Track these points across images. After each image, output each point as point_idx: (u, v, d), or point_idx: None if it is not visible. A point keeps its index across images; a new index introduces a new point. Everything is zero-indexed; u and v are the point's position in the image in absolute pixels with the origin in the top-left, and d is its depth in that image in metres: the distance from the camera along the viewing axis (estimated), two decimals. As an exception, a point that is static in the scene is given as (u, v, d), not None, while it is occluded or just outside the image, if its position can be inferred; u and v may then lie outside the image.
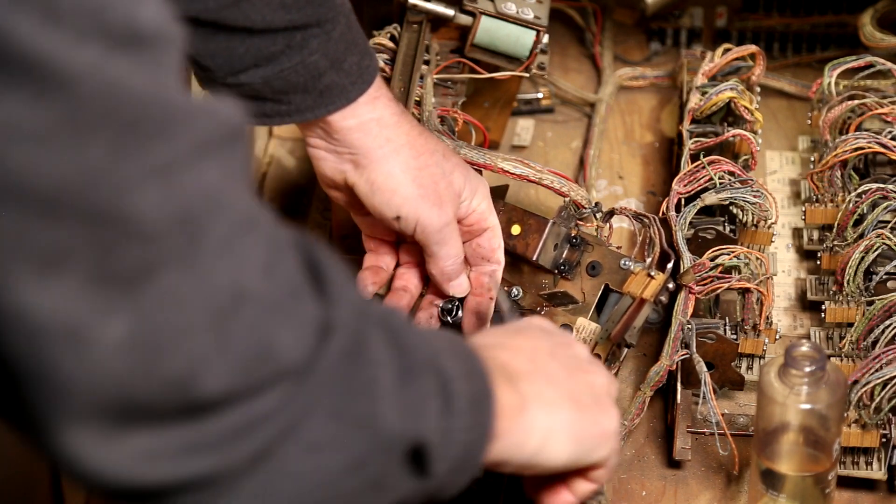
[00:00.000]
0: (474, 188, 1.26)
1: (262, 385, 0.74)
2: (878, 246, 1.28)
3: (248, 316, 0.73)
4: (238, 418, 0.74)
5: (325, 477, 0.80)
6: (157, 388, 0.71)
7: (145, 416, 0.71)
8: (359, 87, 1.21)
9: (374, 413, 0.80)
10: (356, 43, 1.22)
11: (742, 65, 1.48)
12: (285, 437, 0.76)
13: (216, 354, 0.72)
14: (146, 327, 0.70)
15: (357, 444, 0.80)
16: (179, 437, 0.72)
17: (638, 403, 1.26)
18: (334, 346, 0.78)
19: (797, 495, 1.14)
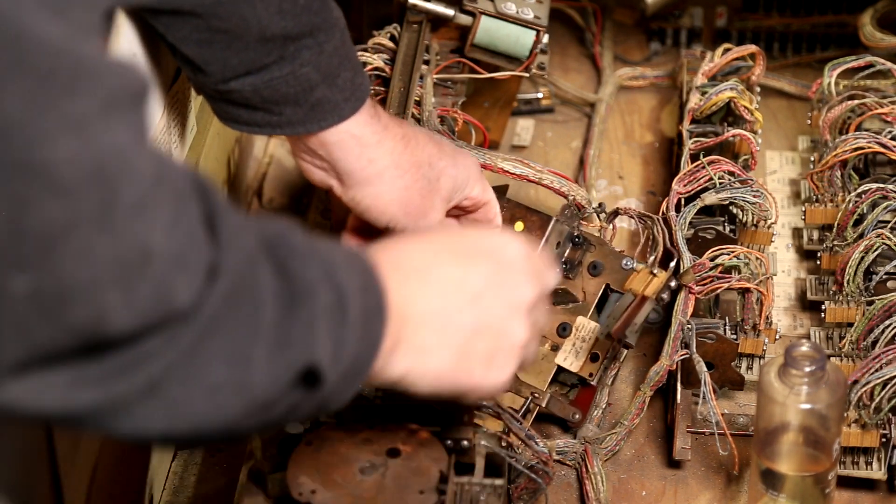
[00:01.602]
0: (464, 181, 1.25)
1: (153, 327, 0.77)
2: (878, 246, 1.28)
3: (152, 272, 0.76)
4: (126, 357, 0.77)
5: (224, 412, 0.83)
6: (57, 336, 0.74)
7: (45, 359, 0.75)
8: (351, 105, 1.21)
9: (271, 347, 0.83)
10: (350, 59, 1.21)
11: (742, 65, 1.48)
12: (177, 376, 0.79)
13: (120, 306, 0.75)
14: (55, 283, 0.72)
15: (255, 380, 0.83)
16: (70, 375, 0.76)
17: (638, 403, 1.26)
18: (220, 290, 0.80)
19: (797, 495, 1.14)
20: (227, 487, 1.26)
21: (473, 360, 0.98)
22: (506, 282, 1.00)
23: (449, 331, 0.97)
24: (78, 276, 0.73)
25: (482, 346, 0.98)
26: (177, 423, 0.82)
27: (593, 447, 1.25)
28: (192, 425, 0.83)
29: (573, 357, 1.26)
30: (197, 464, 1.28)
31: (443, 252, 1.00)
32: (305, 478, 1.06)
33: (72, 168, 0.71)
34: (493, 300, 0.99)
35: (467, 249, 1.01)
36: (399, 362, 0.94)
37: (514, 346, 1.00)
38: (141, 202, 0.74)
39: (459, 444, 1.09)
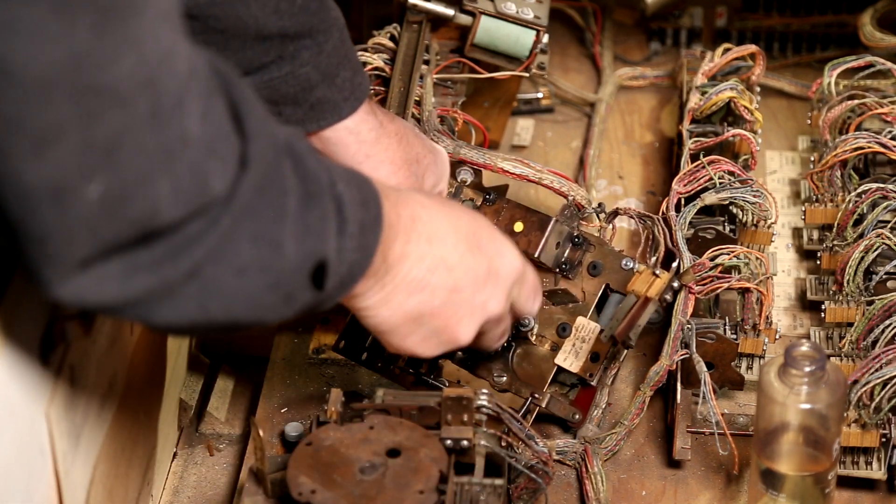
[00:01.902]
0: (440, 177, 1.29)
1: (195, 213, 0.86)
2: (878, 246, 1.28)
3: (190, 157, 0.84)
4: (172, 242, 0.86)
5: (249, 294, 0.91)
6: (119, 230, 0.83)
7: (105, 252, 0.83)
8: (351, 104, 1.22)
9: (285, 236, 0.92)
10: (349, 58, 1.22)
11: (742, 65, 1.48)
12: (212, 259, 0.88)
13: (169, 194, 0.83)
14: (118, 184, 0.81)
15: (276, 265, 0.92)
16: (126, 263, 0.85)
17: (638, 403, 1.26)
18: (251, 177, 0.88)
19: (797, 495, 1.14)
20: (227, 487, 1.26)
21: (414, 331, 1.09)
22: (484, 289, 1.10)
23: (415, 300, 1.07)
24: (135, 172, 0.81)
25: (428, 327, 1.09)
26: (210, 307, 0.90)
27: (593, 447, 1.25)
28: (223, 309, 0.91)
29: (573, 357, 1.26)
30: (197, 464, 1.28)
31: (456, 234, 1.08)
32: (305, 478, 1.06)
33: (130, 81, 0.79)
34: (463, 302, 1.09)
35: (475, 247, 1.09)
36: (370, 298, 1.05)
37: (452, 341, 1.11)
38: (179, 98, 0.82)
39: (459, 444, 1.09)
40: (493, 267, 1.10)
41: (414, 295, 1.07)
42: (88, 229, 0.81)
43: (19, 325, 0.93)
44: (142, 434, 1.19)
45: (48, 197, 0.79)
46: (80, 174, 0.79)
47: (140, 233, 0.84)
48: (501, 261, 1.11)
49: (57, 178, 0.79)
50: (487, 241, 1.11)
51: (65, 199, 0.79)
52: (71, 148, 0.78)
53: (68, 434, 1.02)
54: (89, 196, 0.80)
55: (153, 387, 1.21)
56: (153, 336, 1.20)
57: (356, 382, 1.32)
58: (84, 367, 1.04)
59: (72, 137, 0.78)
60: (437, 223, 1.08)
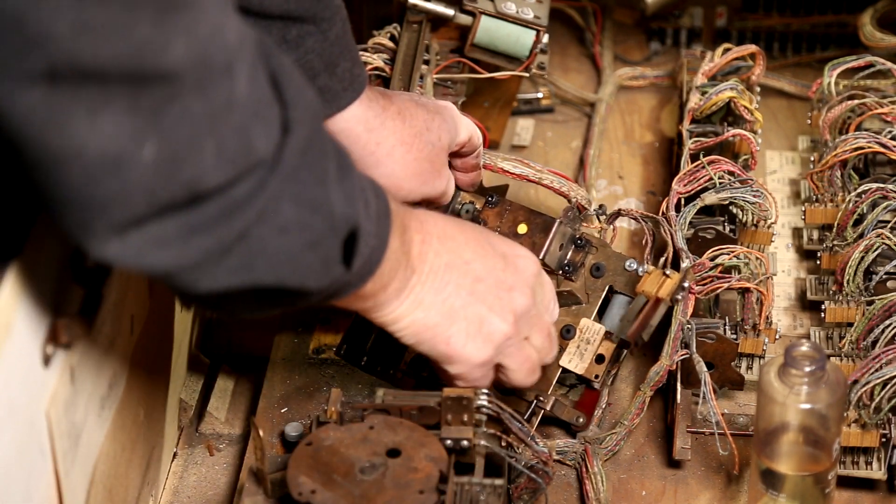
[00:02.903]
0: (454, 129, 1.30)
1: (242, 175, 0.90)
2: (878, 246, 1.28)
3: (236, 121, 0.88)
4: (224, 203, 0.89)
5: (290, 253, 0.95)
6: (173, 192, 0.87)
7: (158, 214, 0.87)
8: (349, 95, 1.22)
9: (327, 198, 0.95)
10: (349, 49, 1.23)
11: (742, 65, 1.48)
12: (260, 219, 0.92)
13: (216, 157, 0.87)
14: (168, 144, 0.85)
15: (315, 225, 0.95)
16: (182, 225, 0.88)
17: (638, 403, 1.26)
18: (295, 141, 0.93)
19: (797, 495, 1.14)
20: (227, 487, 1.26)
21: (454, 330, 1.11)
22: (505, 282, 1.12)
23: (443, 296, 1.10)
24: (184, 135, 0.85)
25: (465, 324, 1.11)
26: (256, 268, 0.93)
27: (593, 447, 1.25)
28: (269, 269, 0.94)
29: (578, 359, 1.26)
30: (197, 464, 1.28)
31: (465, 234, 1.12)
32: (305, 478, 1.06)
33: (184, 61, 0.84)
34: (488, 291, 1.11)
35: (487, 245, 1.13)
36: (397, 306, 1.08)
37: (491, 334, 1.12)
38: (228, 67, 0.87)
39: (459, 444, 1.09)
40: (509, 262, 1.13)
41: (440, 292, 1.10)
42: (146, 192, 0.85)
43: (19, 325, 0.93)
44: (142, 434, 1.19)
45: (108, 163, 0.83)
46: (131, 137, 0.83)
47: (192, 195, 0.88)
48: (516, 258, 1.14)
49: (113, 144, 0.83)
50: (497, 241, 1.15)
51: (122, 163, 0.84)
52: (117, 114, 0.82)
53: (68, 434, 1.02)
54: (145, 159, 0.84)
55: (153, 387, 1.21)
56: (153, 336, 1.20)
57: (356, 382, 1.32)
58: (84, 367, 1.04)
59: (117, 105, 0.82)
60: (442, 225, 1.11)
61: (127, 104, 0.82)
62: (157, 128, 0.84)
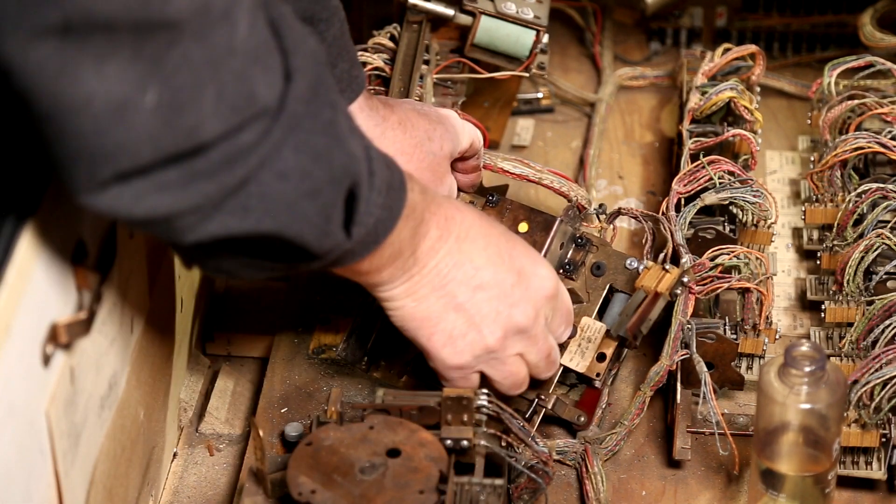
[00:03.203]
0: (456, 137, 1.30)
1: (245, 122, 0.91)
2: (878, 246, 1.28)
3: (236, 67, 0.89)
4: (228, 150, 0.90)
5: (289, 200, 0.95)
6: (176, 138, 0.88)
7: (163, 161, 0.88)
8: (347, 96, 1.22)
9: (329, 148, 0.97)
10: (347, 50, 1.23)
11: (742, 65, 1.48)
12: (262, 165, 0.93)
13: (215, 103, 0.88)
14: (169, 90, 0.86)
15: (316, 173, 0.96)
16: (185, 171, 0.89)
17: (638, 403, 1.26)
18: (297, 89, 0.93)
19: (797, 495, 1.14)
20: (227, 487, 1.26)
21: (438, 329, 1.12)
22: (510, 297, 1.13)
23: (439, 294, 1.11)
24: (184, 81, 0.86)
25: (450, 326, 1.12)
26: (255, 212, 0.94)
27: (593, 447, 1.25)
28: (268, 214, 0.94)
29: (579, 357, 1.26)
30: (197, 464, 1.28)
31: (487, 239, 1.12)
32: (305, 478, 1.06)
33: (187, 8, 0.85)
34: (487, 301, 1.12)
35: (506, 256, 1.13)
36: (397, 287, 1.10)
37: (473, 343, 1.13)
38: (226, 12, 0.88)
39: (459, 444, 1.09)
40: (524, 278, 1.14)
41: (437, 290, 1.11)
42: (150, 138, 0.87)
43: (19, 325, 0.93)
44: (142, 434, 1.19)
45: (115, 111, 0.84)
46: (135, 84, 0.84)
47: (195, 143, 0.89)
48: (533, 276, 1.14)
49: (118, 91, 0.84)
50: (521, 255, 1.14)
51: (127, 110, 0.85)
52: (122, 62, 0.83)
53: (68, 434, 1.02)
54: (147, 104, 0.85)
55: (153, 387, 1.21)
56: (153, 336, 1.20)
57: (356, 382, 1.32)
58: (84, 367, 1.04)
59: (122, 53, 0.83)
60: (469, 226, 1.12)
61: (131, 52, 0.84)
62: (159, 74, 0.85)
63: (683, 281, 1.21)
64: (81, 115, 0.84)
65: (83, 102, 0.84)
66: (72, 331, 1.00)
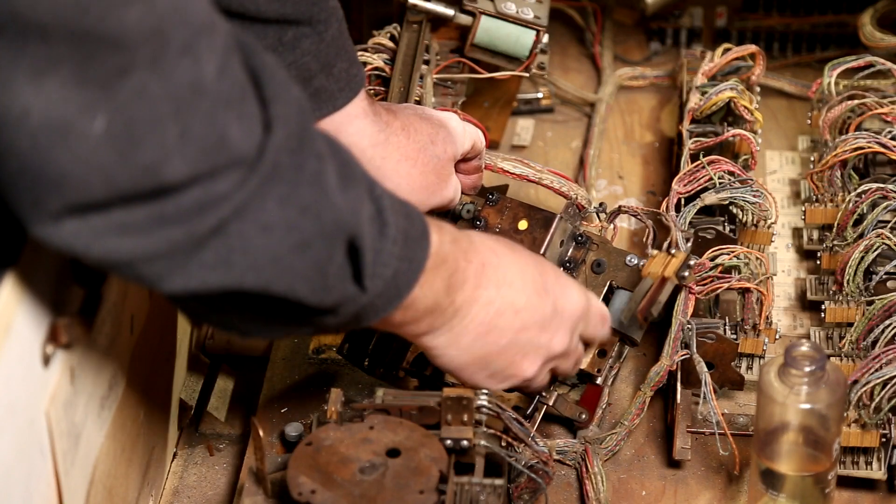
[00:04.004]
0: (459, 139, 1.30)
1: (217, 170, 0.86)
2: (878, 246, 1.28)
3: (204, 108, 0.85)
4: (198, 196, 0.86)
5: (275, 254, 0.91)
6: (132, 175, 0.83)
7: (122, 199, 0.84)
8: (346, 95, 1.22)
9: (319, 200, 0.92)
10: (346, 49, 1.23)
11: (742, 65, 1.48)
12: (239, 216, 0.88)
13: (179, 142, 0.84)
14: (122, 120, 0.82)
15: (303, 226, 0.92)
16: (149, 214, 0.85)
17: (638, 403, 1.26)
18: (278, 138, 0.89)
19: (797, 495, 1.14)
20: (227, 487, 1.26)
21: (484, 369, 1.12)
22: (549, 327, 1.13)
23: (483, 342, 1.10)
24: (139, 113, 0.82)
25: (497, 365, 1.12)
26: (237, 266, 0.90)
27: (593, 447, 1.25)
28: (251, 269, 0.90)
29: (580, 354, 1.26)
30: (197, 464, 1.28)
31: (524, 278, 1.11)
32: (305, 478, 1.06)
33: (135, 29, 0.80)
34: (529, 339, 1.12)
35: (542, 289, 1.12)
36: (438, 338, 1.08)
37: (514, 376, 1.14)
38: (188, 45, 0.83)
39: (459, 444, 1.09)
40: (559, 307, 1.13)
41: (481, 338, 1.10)
42: (101, 170, 0.82)
43: (19, 325, 0.93)
44: (142, 434, 1.19)
45: (55, 131, 0.80)
46: (80, 108, 0.80)
47: (157, 183, 0.84)
48: (566, 300, 1.14)
49: (59, 111, 0.80)
50: (553, 283, 1.14)
51: (70, 134, 0.81)
52: (65, 80, 0.79)
53: (68, 434, 1.02)
54: (94, 131, 0.81)
55: (153, 387, 1.21)
56: (153, 336, 1.20)
57: (356, 382, 1.32)
58: (84, 367, 1.04)
59: (64, 70, 0.79)
60: (505, 269, 1.10)
61: (75, 70, 0.79)
62: (109, 101, 0.81)
63: (690, 264, 1.21)
64: (18, 130, 0.80)
65: (18, 115, 0.79)
66: (72, 331, 1.00)
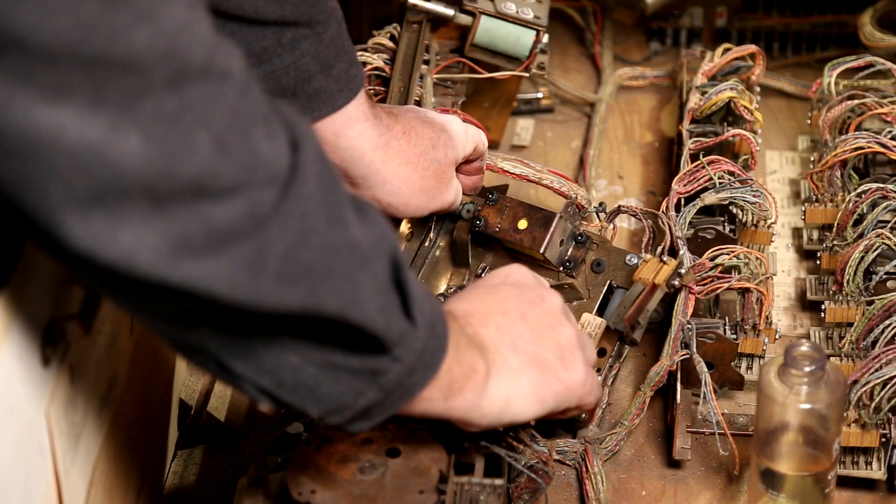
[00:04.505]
0: (461, 143, 1.30)
1: (256, 184, 0.85)
2: (878, 246, 1.28)
3: (234, 125, 0.84)
4: (246, 208, 0.84)
5: (344, 271, 0.90)
6: (179, 189, 0.82)
7: (172, 210, 0.82)
8: (345, 95, 1.22)
9: (361, 213, 0.92)
10: (345, 50, 1.23)
11: (742, 65, 1.49)
12: (288, 230, 0.86)
13: (216, 156, 0.83)
14: (154, 139, 0.81)
15: (359, 241, 0.91)
16: (205, 225, 0.83)
17: (638, 403, 1.26)
18: (308, 154, 0.88)
19: (797, 495, 1.14)
20: (227, 487, 1.26)
21: (550, 363, 1.10)
22: (531, 298, 1.12)
23: (519, 346, 1.08)
24: (168, 131, 0.81)
25: (548, 349, 1.10)
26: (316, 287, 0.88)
27: (593, 447, 1.25)
28: (331, 290, 0.89)
29: (579, 354, 1.27)
30: (197, 464, 1.28)
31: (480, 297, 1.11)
32: (305, 478, 1.06)
33: (149, 51, 0.79)
34: (534, 313, 1.11)
35: (489, 285, 1.12)
36: (498, 387, 1.06)
37: (570, 339, 1.12)
38: (206, 68, 0.83)
39: (459, 444, 1.09)
40: (513, 283, 1.13)
41: (517, 346, 1.08)
42: (144, 185, 0.81)
43: (19, 325, 0.93)
44: (142, 434, 1.19)
45: (92, 149, 0.79)
46: (107, 129, 0.80)
47: (202, 195, 0.83)
48: (508, 276, 1.15)
49: (88, 133, 0.79)
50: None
51: (108, 151, 0.80)
52: (81, 106, 0.79)
53: (68, 434, 1.02)
54: (131, 148, 0.80)
55: (153, 387, 1.21)
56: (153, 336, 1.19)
57: (356, 382, 1.32)
58: (84, 367, 1.04)
59: (79, 97, 0.78)
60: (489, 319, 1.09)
61: (91, 95, 0.78)
62: (134, 121, 0.80)
63: (680, 272, 1.22)
64: (55, 149, 0.79)
65: (51, 134, 0.78)
66: (72, 331, 1.00)
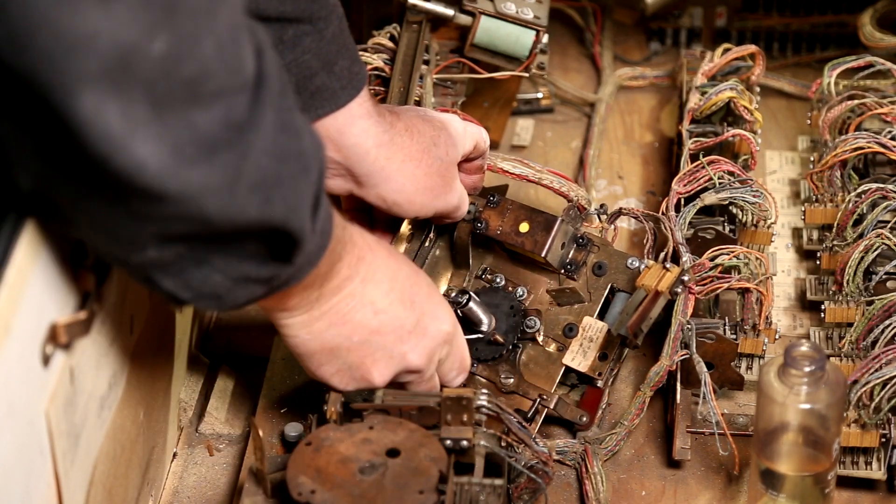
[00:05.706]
0: (461, 140, 1.30)
1: (237, 89, 0.89)
2: (878, 246, 1.28)
3: (231, 24, 0.88)
4: (225, 114, 0.88)
5: (291, 181, 0.94)
6: (179, 87, 0.85)
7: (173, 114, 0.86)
8: (348, 93, 1.22)
9: (304, 124, 0.97)
10: (347, 47, 1.23)
11: (742, 65, 1.48)
12: (257, 138, 0.91)
13: (216, 57, 0.87)
14: (176, 40, 0.84)
15: (305, 151, 0.97)
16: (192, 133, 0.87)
17: (638, 403, 1.26)
18: (269, 61, 0.92)
19: (797, 495, 1.14)
20: (227, 487, 1.26)
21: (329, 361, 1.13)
22: (406, 342, 1.14)
23: (334, 332, 1.12)
24: (188, 29, 0.85)
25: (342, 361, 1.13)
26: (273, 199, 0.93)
27: (593, 447, 1.25)
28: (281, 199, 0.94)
29: (581, 357, 1.26)
30: (197, 464, 1.28)
31: (392, 283, 1.13)
32: (305, 478, 1.06)
33: None
34: (382, 345, 1.13)
35: (408, 300, 1.15)
36: (296, 318, 1.10)
37: (365, 380, 1.14)
38: None
39: (459, 444, 1.09)
40: (422, 324, 1.15)
41: (334, 327, 1.11)
42: (148, 86, 0.84)
43: (19, 325, 0.93)
44: (142, 434, 1.19)
45: (122, 55, 0.82)
46: (143, 30, 0.83)
47: (195, 97, 0.87)
48: (433, 321, 1.16)
49: (126, 34, 0.82)
50: (423, 300, 1.16)
51: (134, 56, 0.83)
52: (132, 2, 0.82)
53: (68, 434, 1.02)
54: (154, 53, 0.84)
55: (153, 387, 1.21)
56: (153, 336, 1.20)
57: (356, 382, 1.32)
58: (84, 368, 1.04)
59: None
60: (377, 268, 1.12)
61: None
62: (169, 22, 0.84)
63: (683, 280, 1.21)
64: (87, 53, 0.81)
65: (89, 37, 0.81)
66: (72, 331, 1.00)
